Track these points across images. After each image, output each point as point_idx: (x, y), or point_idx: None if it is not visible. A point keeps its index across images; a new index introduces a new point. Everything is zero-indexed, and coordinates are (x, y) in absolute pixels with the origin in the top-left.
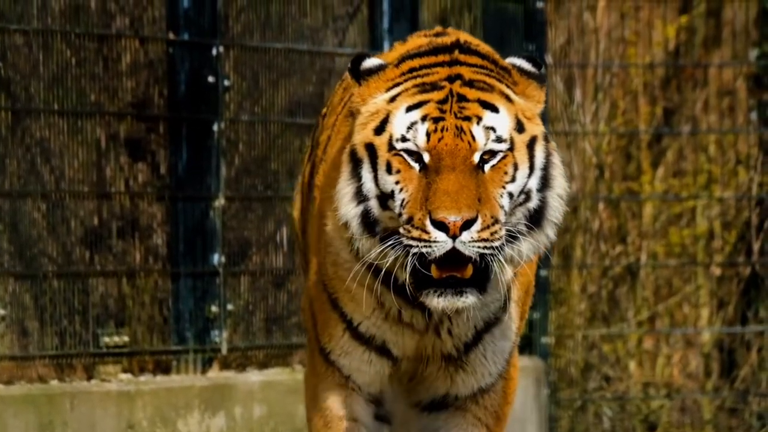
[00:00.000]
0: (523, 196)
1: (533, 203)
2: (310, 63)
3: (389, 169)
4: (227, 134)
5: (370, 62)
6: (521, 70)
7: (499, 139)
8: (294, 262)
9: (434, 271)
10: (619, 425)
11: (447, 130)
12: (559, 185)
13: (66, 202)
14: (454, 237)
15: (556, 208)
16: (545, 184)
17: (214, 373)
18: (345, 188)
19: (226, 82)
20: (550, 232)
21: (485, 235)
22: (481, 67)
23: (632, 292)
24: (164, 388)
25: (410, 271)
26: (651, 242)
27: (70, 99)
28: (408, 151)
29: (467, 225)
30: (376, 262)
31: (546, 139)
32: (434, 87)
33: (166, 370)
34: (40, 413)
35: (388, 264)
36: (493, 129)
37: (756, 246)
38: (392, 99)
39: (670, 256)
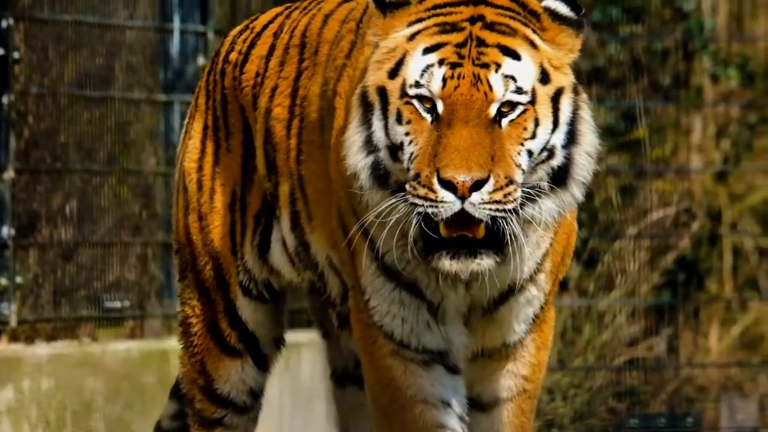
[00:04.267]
0: (545, 153)
1: (557, 161)
2: (99, 35)
3: (399, 119)
4: (16, 106)
5: None
6: (555, 15)
7: (519, 90)
8: (83, 235)
9: (443, 230)
10: None
11: (464, 77)
12: (588, 141)
13: None
14: (462, 198)
15: (583, 166)
16: (571, 140)
17: (2, 346)
18: (354, 136)
19: (16, 55)
20: (576, 191)
21: (497, 196)
22: (507, 9)
23: None
24: None
25: (418, 233)
26: None
27: None
28: (420, 98)
29: (478, 186)
30: (383, 218)
31: (575, 91)
32: (454, 28)
33: None
34: None
35: (397, 218)
36: (513, 78)
37: None
38: (411, 37)
39: None
